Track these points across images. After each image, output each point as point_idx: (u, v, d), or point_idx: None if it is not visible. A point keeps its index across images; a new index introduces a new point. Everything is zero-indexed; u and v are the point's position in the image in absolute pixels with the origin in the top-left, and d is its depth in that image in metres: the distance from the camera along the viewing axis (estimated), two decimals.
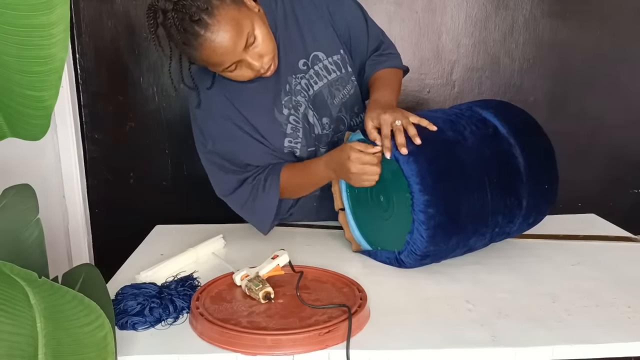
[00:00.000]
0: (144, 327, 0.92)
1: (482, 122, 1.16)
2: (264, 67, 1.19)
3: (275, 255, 1.09)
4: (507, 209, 1.13)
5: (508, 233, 1.20)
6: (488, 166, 1.10)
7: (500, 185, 1.10)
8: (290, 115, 1.30)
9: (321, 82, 1.32)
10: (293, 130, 1.31)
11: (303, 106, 1.32)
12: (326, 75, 1.33)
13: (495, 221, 1.12)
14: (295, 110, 1.31)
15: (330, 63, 1.33)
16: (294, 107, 1.31)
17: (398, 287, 1.08)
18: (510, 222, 1.16)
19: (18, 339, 0.61)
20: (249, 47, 1.16)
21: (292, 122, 1.31)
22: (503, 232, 1.18)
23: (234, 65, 1.17)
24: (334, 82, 1.34)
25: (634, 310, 0.96)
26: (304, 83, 1.31)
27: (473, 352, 0.85)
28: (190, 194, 2.08)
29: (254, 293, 0.97)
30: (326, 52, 1.33)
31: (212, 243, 1.28)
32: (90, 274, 0.83)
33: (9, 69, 0.60)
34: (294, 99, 1.31)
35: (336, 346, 0.85)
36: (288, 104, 1.30)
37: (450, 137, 1.10)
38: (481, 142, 1.11)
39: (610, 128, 2.09)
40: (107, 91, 2.00)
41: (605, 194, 2.13)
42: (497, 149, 1.13)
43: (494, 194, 1.09)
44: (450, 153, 1.08)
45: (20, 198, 0.80)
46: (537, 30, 2.00)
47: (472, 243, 1.13)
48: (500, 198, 1.10)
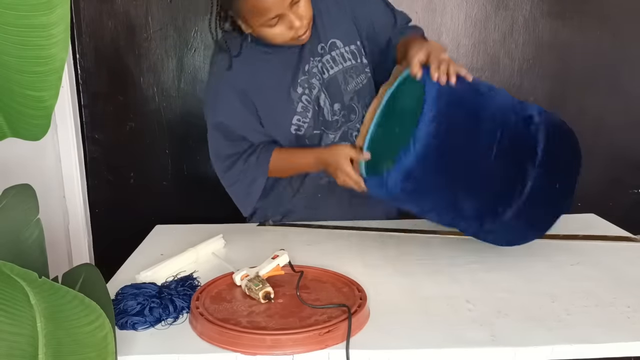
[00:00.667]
0: (143, 327, 0.92)
1: (521, 103, 1.12)
2: (302, 28, 1.22)
3: (275, 255, 1.09)
4: (507, 181, 1.07)
5: (501, 217, 1.09)
6: (505, 126, 1.05)
7: (509, 150, 1.05)
8: (303, 95, 1.34)
9: (336, 68, 1.35)
10: (303, 110, 1.34)
11: (316, 89, 1.35)
12: (342, 61, 1.35)
13: (490, 188, 1.06)
14: (308, 91, 1.34)
15: (347, 52, 1.36)
16: (308, 88, 1.34)
17: (398, 287, 1.08)
18: (505, 200, 1.07)
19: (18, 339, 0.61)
20: (294, 5, 1.19)
21: (304, 101, 1.34)
22: (496, 212, 1.08)
23: (277, 18, 1.20)
24: (348, 69, 1.36)
25: (634, 310, 0.96)
26: (320, 66, 1.34)
27: (473, 351, 0.86)
28: (190, 194, 2.08)
29: (253, 293, 0.97)
30: (343, 40, 1.35)
31: (212, 243, 1.28)
32: (90, 274, 0.83)
33: (9, 69, 0.60)
34: (309, 80, 1.34)
35: (336, 346, 0.85)
36: (303, 84, 1.34)
37: (482, 90, 1.08)
38: (509, 109, 1.08)
39: (610, 128, 2.09)
40: (107, 91, 2.00)
41: (605, 194, 2.13)
42: (522, 122, 1.08)
43: (499, 155, 1.04)
44: (474, 98, 1.06)
45: (20, 198, 0.80)
46: (537, 30, 2.00)
47: (460, 199, 1.07)
48: (503, 162, 1.05)
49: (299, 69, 1.33)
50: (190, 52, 1.97)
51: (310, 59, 1.33)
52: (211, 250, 1.27)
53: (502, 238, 1.19)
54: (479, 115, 1.05)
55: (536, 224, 1.17)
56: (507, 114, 1.08)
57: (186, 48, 1.97)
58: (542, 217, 1.16)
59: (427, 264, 1.18)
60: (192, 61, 1.98)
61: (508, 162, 1.06)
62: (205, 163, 2.06)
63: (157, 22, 1.94)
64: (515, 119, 1.08)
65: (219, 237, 1.31)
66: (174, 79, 1.99)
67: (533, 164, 1.06)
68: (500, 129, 1.05)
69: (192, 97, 2.01)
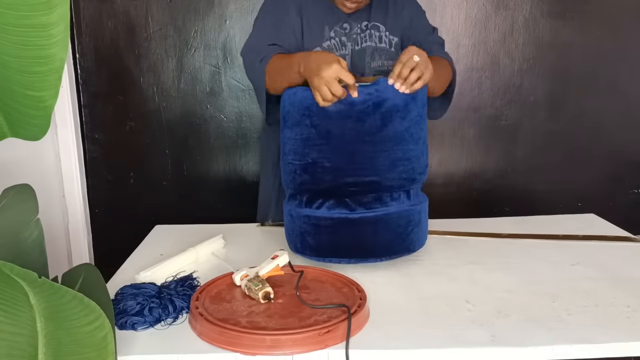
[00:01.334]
0: (143, 327, 0.92)
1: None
2: (352, 2, 1.33)
3: (275, 255, 1.09)
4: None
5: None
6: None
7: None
8: (333, 39, 1.40)
9: (370, 43, 1.41)
10: (328, 48, 1.39)
11: (347, 51, 1.41)
12: (377, 41, 1.42)
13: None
14: (339, 42, 1.40)
15: (386, 36, 1.42)
16: (339, 40, 1.40)
17: (398, 287, 1.08)
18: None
19: (18, 339, 0.61)
20: None
21: (332, 44, 1.39)
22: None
23: None
24: (381, 49, 1.42)
25: (633, 310, 0.96)
26: (356, 37, 1.40)
27: (473, 352, 0.86)
28: (190, 194, 2.08)
29: (253, 293, 0.97)
30: (387, 28, 1.42)
31: (212, 243, 1.28)
32: (90, 274, 0.83)
33: (9, 69, 0.60)
34: (343, 38, 1.40)
35: (335, 346, 0.85)
36: (338, 34, 1.40)
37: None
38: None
39: (610, 128, 2.09)
40: (107, 91, 2.00)
41: (605, 194, 2.13)
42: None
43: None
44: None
45: (20, 198, 0.80)
46: (537, 30, 2.00)
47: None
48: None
49: (340, 20, 1.39)
50: (190, 52, 1.97)
51: (353, 23, 1.40)
52: (211, 250, 1.27)
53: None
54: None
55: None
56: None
57: (186, 48, 1.97)
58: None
59: (426, 264, 1.18)
60: (192, 61, 1.98)
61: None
62: (205, 163, 2.07)
63: (156, 22, 1.94)
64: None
65: (218, 237, 1.31)
66: (173, 79, 1.99)
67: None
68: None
69: (192, 97, 2.01)
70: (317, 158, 1.13)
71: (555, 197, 2.12)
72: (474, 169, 2.11)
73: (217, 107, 2.02)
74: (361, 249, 1.16)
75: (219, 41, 1.97)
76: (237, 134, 2.04)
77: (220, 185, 2.09)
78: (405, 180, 1.15)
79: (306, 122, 1.14)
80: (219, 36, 1.96)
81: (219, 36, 1.96)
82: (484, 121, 2.07)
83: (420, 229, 1.20)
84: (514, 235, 1.35)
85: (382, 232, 1.15)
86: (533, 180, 2.11)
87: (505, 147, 2.10)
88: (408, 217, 1.16)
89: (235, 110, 2.02)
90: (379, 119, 1.10)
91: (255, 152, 2.05)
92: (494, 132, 2.08)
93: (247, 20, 1.94)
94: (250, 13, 1.94)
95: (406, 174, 1.14)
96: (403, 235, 1.16)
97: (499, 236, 1.35)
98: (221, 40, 1.96)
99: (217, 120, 2.03)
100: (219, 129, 2.03)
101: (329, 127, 1.11)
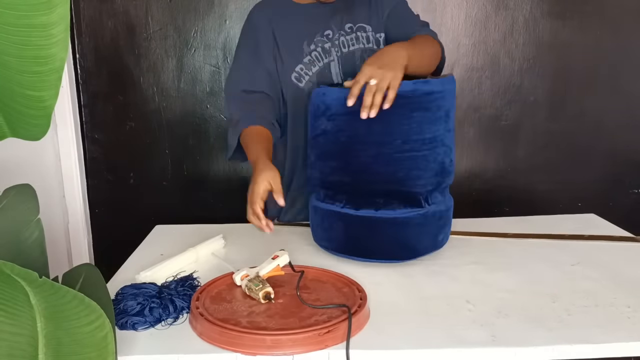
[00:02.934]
0: (143, 327, 0.92)
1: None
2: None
3: (276, 255, 1.09)
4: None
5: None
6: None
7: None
8: (313, 52, 1.40)
9: (358, 45, 1.41)
10: (309, 62, 1.39)
11: (332, 57, 1.40)
12: (364, 42, 1.41)
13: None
14: (322, 52, 1.40)
15: (373, 36, 1.41)
16: (322, 49, 1.40)
17: (398, 287, 1.08)
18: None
19: (18, 339, 0.61)
20: None
21: (313, 57, 1.40)
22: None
23: None
24: (369, 50, 1.41)
25: (634, 310, 0.96)
26: (342, 40, 1.40)
27: (473, 352, 0.85)
28: (190, 194, 2.08)
29: (254, 293, 0.97)
30: (373, 27, 1.41)
31: (212, 243, 1.28)
32: (90, 274, 0.83)
33: (9, 69, 0.60)
34: (324, 44, 1.40)
35: (336, 346, 0.85)
36: (318, 43, 1.40)
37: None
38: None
39: (610, 128, 2.09)
40: (107, 91, 2.00)
41: (605, 194, 2.13)
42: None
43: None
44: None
45: (20, 198, 0.80)
46: (537, 30, 2.00)
47: None
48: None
49: (319, 30, 1.40)
50: (190, 52, 1.97)
51: (334, 28, 1.40)
52: (211, 250, 1.27)
53: None
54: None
55: None
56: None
57: (186, 48, 1.97)
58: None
59: (427, 264, 1.18)
60: (192, 61, 1.98)
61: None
62: (205, 163, 2.07)
63: (156, 22, 1.94)
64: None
65: (218, 237, 1.31)
66: (173, 79, 1.99)
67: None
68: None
69: (191, 97, 2.01)
70: (345, 157, 1.15)
71: (555, 197, 2.12)
72: (474, 169, 2.11)
73: (217, 107, 2.02)
74: (400, 247, 1.17)
75: (219, 41, 1.97)
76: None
77: (220, 185, 2.09)
78: (435, 181, 1.16)
79: (331, 122, 1.14)
80: (219, 36, 1.96)
81: (219, 36, 1.96)
82: (484, 121, 2.07)
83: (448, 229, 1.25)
84: (517, 235, 1.35)
85: (421, 232, 1.17)
86: (533, 180, 2.11)
87: (505, 147, 2.10)
88: (443, 218, 1.20)
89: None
90: (405, 120, 1.10)
91: None
92: (494, 132, 2.08)
93: None
94: None
95: (436, 177, 1.16)
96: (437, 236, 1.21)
97: (501, 236, 1.35)
98: (221, 40, 1.96)
99: (217, 120, 2.03)
100: (219, 129, 2.03)
101: (356, 127, 1.11)
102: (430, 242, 1.20)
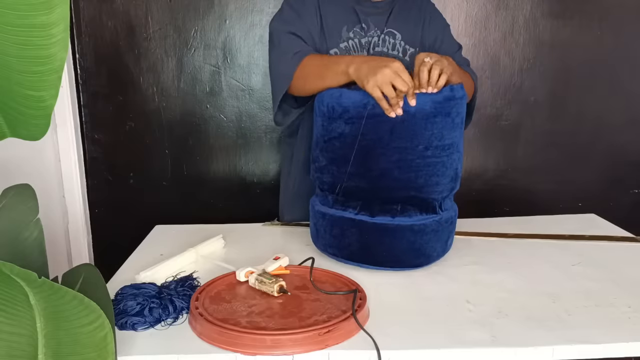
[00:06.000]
0: (143, 327, 0.92)
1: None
2: None
3: (277, 257, 1.10)
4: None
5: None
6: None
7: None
8: (351, 40, 1.37)
9: (382, 49, 1.39)
10: (345, 49, 1.36)
11: (364, 51, 1.38)
12: (390, 48, 1.39)
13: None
14: (357, 41, 1.37)
15: (401, 45, 1.40)
16: (358, 39, 1.37)
17: (398, 287, 1.08)
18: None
19: (18, 339, 0.61)
20: None
21: (350, 45, 1.37)
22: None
23: None
24: (392, 57, 1.36)
25: (634, 310, 0.96)
26: (374, 40, 1.38)
27: (473, 352, 0.85)
28: (190, 194, 2.08)
29: (267, 286, 0.98)
30: (404, 36, 1.40)
31: (212, 243, 1.28)
32: (90, 274, 0.83)
33: (9, 69, 0.60)
34: (363, 40, 1.37)
35: (336, 346, 0.85)
36: (357, 33, 1.37)
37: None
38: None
39: (610, 128, 2.09)
40: (107, 91, 2.00)
41: (605, 194, 2.13)
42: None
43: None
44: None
45: (20, 198, 0.80)
46: (537, 30, 1.99)
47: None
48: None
49: (360, 21, 1.37)
50: (190, 52, 1.97)
51: (372, 25, 1.38)
52: (211, 250, 1.27)
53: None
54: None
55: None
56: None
57: (186, 48, 1.97)
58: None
59: (427, 264, 1.18)
60: (192, 61, 1.98)
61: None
62: (205, 163, 2.07)
63: (156, 22, 1.94)
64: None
65: (218, 237, 1.31)
66: (173, 79, 1.99)
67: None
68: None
69: (191, 96, 2.01)
70: (364, 162, 1.11)
71: (555, 197, 2.12)
72: (474, 169, 2.10)
73: (217, 107, 2.02)
74: (410, 254, 1.15)
75: (219, 41, 1.96)
76: (237, 134, 2.04)
77: (220, 185, 2.08)
78: (449, 187, 1.16)
79: (350, 125, 1.11)
80: (219, 36, 1.96)
81: (219, 36, 1.96)
82: (484, 121, 2.07)
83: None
84: (517, 235, 1.35)
85: (429, 239, 1.15)
86: (533, 180, 2.11)
87: (505, 147, 2.09)
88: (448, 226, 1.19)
89: (235, 110, 2.02)
90: (429, 126, 1.08)
91: (254, 152, 2.05)
92: (494, 132, 2.08)
93: (247, 20, 1.94)
94: (250, 13, 1.94)
95: (451, 183, 1.16)
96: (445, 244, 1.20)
97: (501, 236, 1.35)
98: (221, 40, 1.96)
99: (217, 120, 2.03)
100: (219, 129, 2.03)
101: (378, 131, 1.09)
102: (442, 248, 1.18)
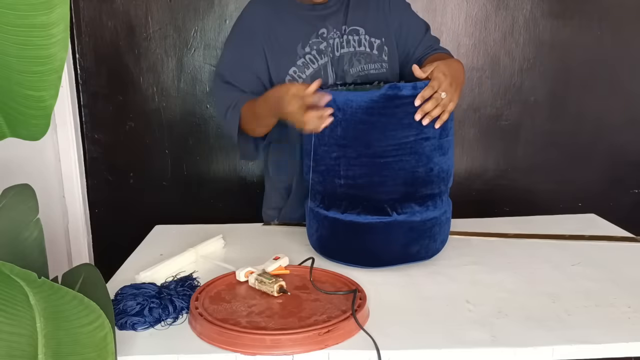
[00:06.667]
0: (143, 327, 0.92)
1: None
2: None
3: (277, 257, 1.10)
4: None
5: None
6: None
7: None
8: (307, 54, 1.38)
9: (348, 49, 1.39)
10: (302, 65, 1.37)
11: (326, 59, 1.39)
12: (355, 45, 1.40)
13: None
14: (316, 53, 1.38)
15: (366, 40, 1.40)
16: (316, 51, 1.38)
17: (398, 287, 1.08)
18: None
19: (18, 339, 0.61)
20: None
21: (307, 59, 1.38)
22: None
23: None
24: (359, 53, 1.40)
25: (634, 310, 0.96)
26: (336, 42, 1.38)
27: (473, 352, 0.85)
28: (190, 194, 2.08)
29: (267, 286, 0.98)
30: (368, 31, 1.40)
31: (212, 243, 1.28)
32: (90, 274, 0.83)
33: (9, 69, 0.60)
34: (320, 45, 1.38)
35: (336, 346, 0.85)
36: (313, 46, 1.38)
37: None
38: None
39: (610, 128, 2.09)
40: (107, 91, 2.00)
41: (605, 194, 2.13)
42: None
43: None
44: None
45: (20, 198, 0.80)
46: (537, 30, 1.99)
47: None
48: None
49: (315, 31, 1.38)
50: (190, 52, 1.97)
51: (330, 27, 1.38)
52: (211, 250, 1.27)
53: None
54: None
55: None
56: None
57: (186, 48, 1.97)
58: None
59: (427, 264, 1.18)
60: (192, 61, 1.98)
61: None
62: (205, 163, 2.07)
63: (156, 22, 1.94)
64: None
65: (218, 237, 1.31)
66: (173, 79, 1.99)
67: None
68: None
69: (191, 96, 2.01)
70: (349, 162, 1.12)
71: (555, 197, 2.12)
72: (474, 169, 2.10)
73: None
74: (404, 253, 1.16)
75: (219, 41, 1.96)
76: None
77: (220, 185, 2.08)
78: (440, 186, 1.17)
79: (339, 125, 1.12)
80: (218, 36, 1.96)
81: (219, 36, 1.96)
82: (484, 121, 2.07)
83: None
84: (517, 235, 1.35)
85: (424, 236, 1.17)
86: (533, 180, 2.11)
87: (505, 147, 2.09)
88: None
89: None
90: (412, 127, 1.09)
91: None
92: (494, 132, 2.08)
93: None
94: None
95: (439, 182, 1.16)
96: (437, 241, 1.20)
97: (501, 236, 1.35)
98: (221, 40, 1.96)
99: (217, 120, 2.03)
100: (219, 129, 2.03)
101: (359, 129, 1.10)
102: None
